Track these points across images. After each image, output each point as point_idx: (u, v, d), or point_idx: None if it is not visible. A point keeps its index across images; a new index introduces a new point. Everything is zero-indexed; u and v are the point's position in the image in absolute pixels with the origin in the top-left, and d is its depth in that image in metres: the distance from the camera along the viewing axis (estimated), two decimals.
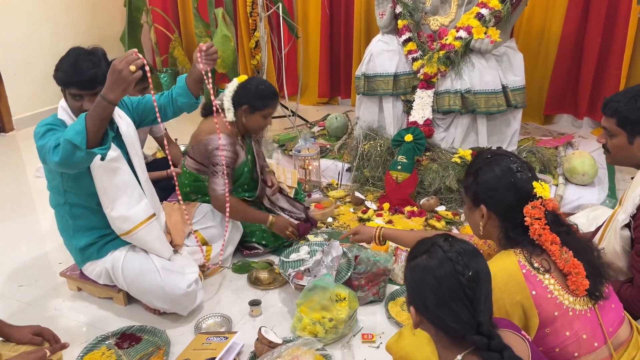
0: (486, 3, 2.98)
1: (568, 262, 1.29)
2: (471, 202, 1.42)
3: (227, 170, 2.22)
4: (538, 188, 1.33)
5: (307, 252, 2.31)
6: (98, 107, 1.60)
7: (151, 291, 1.98)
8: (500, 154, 1.40)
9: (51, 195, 2.00)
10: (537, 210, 1.31)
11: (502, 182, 1.34)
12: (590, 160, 2.87)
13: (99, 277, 2.07)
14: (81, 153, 1.59)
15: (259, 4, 3.49)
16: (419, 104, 3.10)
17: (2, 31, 4.15)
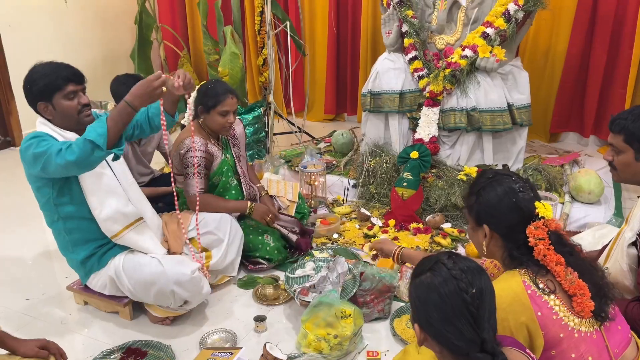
0: (491, 22, 3.01)
1: (573, 283, 1.29)
2: (474, 221, 1.43)
3: (203, 171, 2.35)
4: (540, 208, 1.34)
5: (313, 268, 2.32)
6: (123, 112, 1.71)
7: (156, 281, 1.96)
8: (502, 174, 1.42)
9: (44, 214, 2.05)
10: (540, 231, 1.31)
11: (504, 202, 1.34)
12: (596, 179, 2.86)
13: (104, 287, 2.09)
14: (100, 153, 1.69)
15: (267, 22, 3.54)
16: (425, 122, 3.12)
17: (14, 48, 4.23)
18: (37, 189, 1.97)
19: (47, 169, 1.78)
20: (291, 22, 3.77)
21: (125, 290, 2.04)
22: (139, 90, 1.72)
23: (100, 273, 2.06)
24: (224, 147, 2.54)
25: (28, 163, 1.84)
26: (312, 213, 3.00)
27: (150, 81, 1.72)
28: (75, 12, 4.48)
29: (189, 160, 2.32)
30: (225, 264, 2.30)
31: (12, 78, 4.25)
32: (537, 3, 2.96)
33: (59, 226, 2.01)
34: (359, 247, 2.69)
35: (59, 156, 1.72)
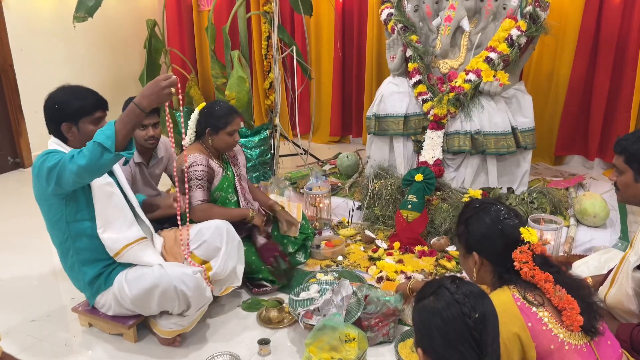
0: (495, 47, 3.06)
1: (562, 299, 1.33)
2: (464, 249, 1.49)
3: (205, 184, 2.41)
4: (525, 234, 1.39)
5: (317, 291, 2.32)
6: (131, 114, 1.73)
7: (159, 283, 1.96)
8: (488, 203, 1.49)
9: (53, 234, 2.07)
10: (525, 255, 1.37)
11: (491, 230, 1.41)
12: (601, 202, 2.86)
13: (109, 308, 2.10)
14: (109, 155, 1.71)
15: (274, 47, 3.60)
16: (429, 144, 3.14)
17: (25, 71, 4.31)
18: (49, 207, 1.99)
19: (62, 178, 1.80)
20: (297, 46, 3.83)
21: (128, 303, 2.03)
22: (147, 91, 1.74)
23: (106, 292, 2.07)
24: (225, 165, 2.60)
25: (42, 178, 1.86)
26: (317, 235, 3.01)
27: (159, 81, 1.74)
28: (86, 36, 4.58)
29: (192, 174, 2.39)
30: (226, 272, 2.22)
31: (23, 100, 4.33)
32: (540, 29, 3.01)
33: (68, 245, 2.03)
34: (363, 270, 2.69)
35: (71, 162, 1.75)
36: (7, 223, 3.41)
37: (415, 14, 3.40)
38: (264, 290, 2.46)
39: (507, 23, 3.06)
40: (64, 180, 1.80)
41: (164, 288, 1.96)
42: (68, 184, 1.82)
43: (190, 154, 2.43)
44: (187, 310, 2.06)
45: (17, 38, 4.22)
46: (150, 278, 1.98)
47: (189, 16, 5.39)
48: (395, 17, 3.36)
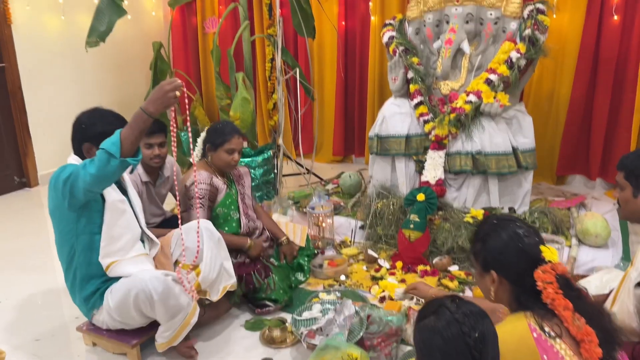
0: (495, 69, 3.11)
1: (581, 329, 1.27)
2: (481, 267, 1.43)
3: (206, 203, 2.45)
4: (546, 252, 1.34)
5: (320, 311, 2.33)
6: (138, 119, 1.78)
7: (130, 289, 1.96)
8: (506, 219, 1.44)
9: (61, 247, 2.09)
10: (548, 275, 1.31)
11: (510, 248, 1.36)
12: (602, 222, 2.88)
13: (103, 323, 2.12)
14: (115, 161, 1.75)
15: (278, 69, 3.67)
16: (431, 164, 3.18)
17: (33, 92, 4.39)
18: (60, 219, 2.03)
19: (74, 188, 1.85)
20: (301, 68, 3.90)
21: (114, 314, 2.05)
22: (152, 96, 1.79)
23: (101, 308, 2.09)
24: (229, 182, 2.65)
25: (59, 191, 1.91)
26: (320, 254, 3.02)
27: (163, 85, 1.78)
28: (93, 58, 4.66)
29: (193, 192, 2.43)
30: (215, 271, 2.19)
31: (30, 121, 4.39)
32: (539, 51, 3.06)
33: (73, 259, 2.06)
34: (366, 290, 2.70)
35: (83, 171, 1.81)
36: (12, 242, 3.44)
37: (416, 36, 3.47)
38: (266, 310, 2.47)
39: (506, 46, 3.12)
40: (77, 189, 1.85)
41: (135, 292, 1.95)
42: (80, 193, 1.86)
43: (190, 174, 2.47)
44: (169, 321, 2.02)
45: (26, 60, 4.30)
46: (125, 284, 1.99)
47: (194, 39, 5.49)
48: (397, 39, 3.43)
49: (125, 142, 1.76)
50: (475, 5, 3.21)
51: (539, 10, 3.08)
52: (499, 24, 3.20)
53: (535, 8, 3.10)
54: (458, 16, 3.22)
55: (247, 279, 2.44)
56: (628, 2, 3.66)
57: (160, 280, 1.95)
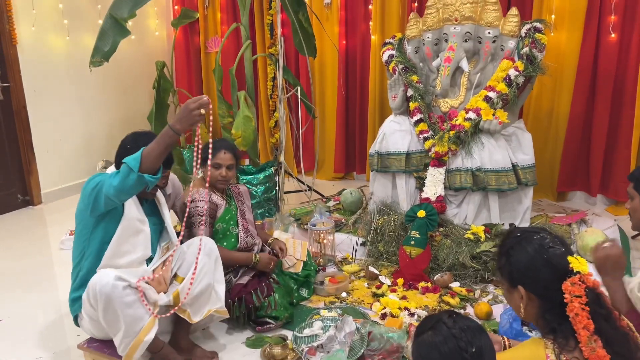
0: (493, 87, 3.15)
1: (594, 351, 1.21)
2: (508, 283, 1.36)
3: (207, 220, 2.46)
4: (574, 262, 1.27)
5: (321, 328, 2.33)
6: (165, 136, 1.84)
7: (88, 287, 1.94)
8: (530, 231, 1.37)
9: (75, 249, 2.11)
10: (577, 287, 1.24)
11: (536, 260, 1.29)
12: (603, 238, 2.88)
13: (88, 330, 2.13)
14: (134, 175, 1.82)
15: (279, 87, 3.71)
16: (431, 181, 3.20)
17: (38, 112, 4.44)
18: (81, 221, 2.07)
19: (99, 196, 1.92)
20: (302, 86, 3.95)
21: (84, 313, 2.07)
22: (179, 115, 1.86)
23: (82, 314, 2.09)
24: (228, 198, 2.68)
25: (85, 196, 1.98)
26: (321, 271, 3.03)
27: (188, 104, 1.84)
28: (97, 77, 4.72)
29: (193, 209, 2.46)
30: (202, 286, 2.12)
31: (35, 140, 4.44)
32: (537, 69, 3.10)
33: (80, 262, 2.09)
34: (367, 306, 2.70)
35: (108, 181, 1.88)
36: (15, 261, 3.45)
37: (415, 55, 3.52)
38: (267, 327, 2.46)
39: (505, 64, 3.16)
40: (99, 198, 1.92)
41: (87, 291, 1.95)
42: (101, 202, 1.92)
43: (193, 188, 2.49)
44: (116, 331, 1.93)
45: (31, 80, 4.36)
46: (89, 285, 1.96)
47: (197, 58, 5.57)
48: (397, 58, 3.48)
49: (146, 157, 1.82)
50: (474, 24, 3.26)
51: (536, 29, 3.13)
52: (497, 43, 3.25)
53: (532, 26, 3.15)
54: (457, 35, 3.27)
55: (246, 298, 2.43)
56: (625, 20, 3.72)
57: (106, 282, 1.87)
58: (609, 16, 3.74)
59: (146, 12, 5.38)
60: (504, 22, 3.22)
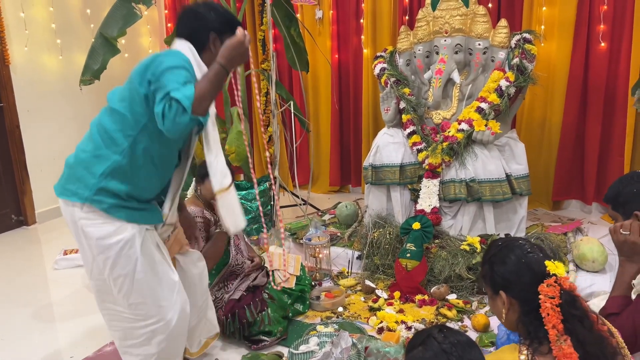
0: (485, 98, 3.16)
1: (562, 350, 1.24)
2: (491, 290, 1.42)
3: (204, 234, 2.47)
4: (551, 266, 1.32)
5: (317, 344, 2.31)
6: (220, 75, 1.64)
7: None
8: (511, 240, 1.44)
9: (115, 119, 1.78)
10: (552, 289, 1.29)
11: (516, 266, 1.35)
12: (598, 247, 2.87)
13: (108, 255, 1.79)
14: (187, 118, 1.57)
15: (272, 102, 3.72)
16: (426, 193, 3.19)
17: (31, 131, 4.44)
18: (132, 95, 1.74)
19: (160, 87, 1.62)
20: (295, 101, 3.96)
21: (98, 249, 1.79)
22: (233, 52, 1.66)
23: (96, 214, 1.76)
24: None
25: (144, 68, 1.70)
26: (317, 286, 3.01)
27: (242, 42, 1.67)
28: (90, 95, 4.71)
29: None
30: (194, 318, 2.11)
31: (28, 159, 4.43)
32: (527, 79, 3.11)
33: (121, 143, 1.76)
34: (364, 321, 2.67)
35: (184, 88, 1.58)
36: (10, 281, 3.42)
37: (407, 67, 3.53)
38: (262, 345, 2.44)
39: (496, 75, 3.18)
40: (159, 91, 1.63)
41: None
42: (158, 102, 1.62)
43: (188, 206, 2.48)
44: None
45: (24, 100, 4.37)
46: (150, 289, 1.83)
47: None
48: (388, 71, 3.49)
49: (201, 99, 1.58)
50: (464, 36, 3.28)
51: (525, 40, 3.15)
52: (488, 54, 3.27)
53: (522, 37, 3.17)
54: (447, 47, 3.29)
55: (240, 313, 2.41)
56: (615, 29, 3.75)
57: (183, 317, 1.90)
58: (598, 25, 3.77)
59: (139, 30, 5.41)
60: (493, 33, 3.24)
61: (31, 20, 4.37)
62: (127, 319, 1.86)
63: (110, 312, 1.89)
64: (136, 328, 1.86)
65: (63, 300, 3.08)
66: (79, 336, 2.66)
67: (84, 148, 1.82)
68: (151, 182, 1.84)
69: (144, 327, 1.85)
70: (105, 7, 4.81)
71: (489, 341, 2.37)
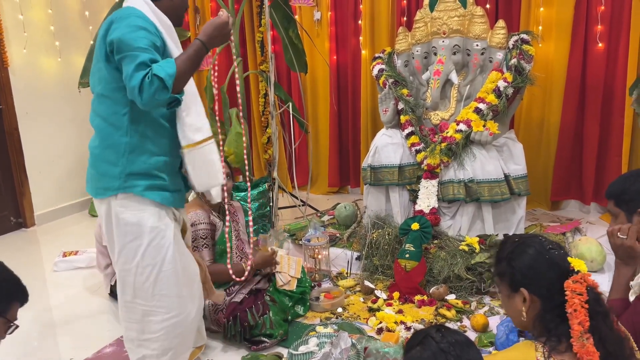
0: (483, 98, 3.17)
1: (584, 347, 1.23)
2: (509, 288, 1.37)
3: (209, 242, 2.45)
4: (574, 262, 1.31)
5: (316, 344, 2.31)
6: (200, 53, 1.68)
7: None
8: (527, 236, 1.41)
9: (102, 103, 1.83)
10: (579, 285, 1.27)
11: (539, 261, 1.32)
12: (597, 247, 2.88)
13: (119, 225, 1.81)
14: (166, 95, 1.61)
15: (271, 104, 3.73)
16: (424, 193, 3.20)
17: (30, 133, 4.44)
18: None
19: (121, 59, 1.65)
20: (293, 102, 3.96)
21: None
22: (215, 32, 1.71)
23: (131, 202, 1.77)
24: (223, 219, 2.65)
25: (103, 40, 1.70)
26: (317, 287, 3.01)
27: (225, 23, 1.71)
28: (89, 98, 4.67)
29: (196, 233, 2.44)
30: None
31: (27, 162, 4.43)
32: (525, 80, 3.12)
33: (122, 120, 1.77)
34: (363, 321, 2.68)
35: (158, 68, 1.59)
36: None
37: (405, 68, 3.54)
38: (262, 346, 2.44)
39: (493, 75, 3.19)
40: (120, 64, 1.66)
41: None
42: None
43: (192, 211, 2.47)
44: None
45: (23, 102, 4.37)
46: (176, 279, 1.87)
47: None
48: (386, 72, 3.50)
49: (181, 76, 1.62)
50: (462, 37, 3.29)
51: (523, 40, 3.16)
52: (486, 55, 3.28)
53: (519, 38, 3.18)
54: (445, 48, 3.30)
55: (241, 316, 2.41)
56: (612, 29, 3.76)
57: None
58: (595, 26, 3.78)
59: None
60: (491, 34, 3.25)
61: (30, 22, 4.37)
62: (146, 312, 1.86)
63: (129, 305, 1.89)
64: (155, 322, 1.86)
65: (62, 303, 3.07)
66: (78, 338, 2.66)
67: (94, 144, 1.84)
68: (170, 143, 1.84)
69: (164, 321, 1.86)
70: (103, 9, 4.85)
71: (488, 341, 2.38)
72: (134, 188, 1.76)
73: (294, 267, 2.84)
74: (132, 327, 1.91)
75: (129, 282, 1.83)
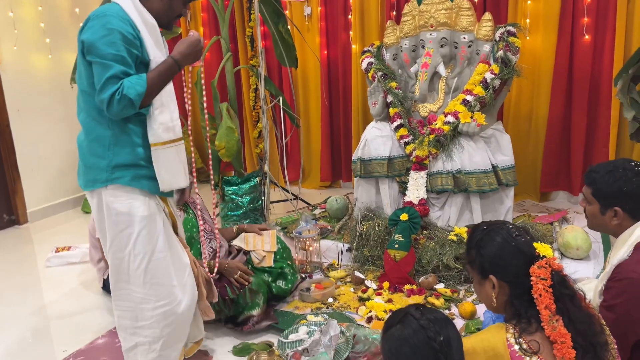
0: (471, 90, 3.20)
1: (555, 330, 1.27)
2: (479, 275, 1.42)
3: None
4: (540, 248, 1.35)
5: (306, 332, 2.34)
6: (171, 71, 1.77)
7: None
8: (495, 224, 1.44)
9: (83, 99, 1.84)
10: (543, 270, 1.31)
11: (506, 249, 1.36)
12: (582, 235, 2.93)
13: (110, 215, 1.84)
14: (133, 110, 1.70)
15: (261, 98, 3.75)
16: (413, 185, 3.24)
17: (22, 130, 4.44)
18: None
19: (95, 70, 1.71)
20: (284, 97, 3.99)
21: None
22: (187, 50, 1.78)
23: (122, 192, 1.82)
24: (185, 207, 2.68)
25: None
26: (308, 278, 3.05)
27: (197, 42, 1.80)
28: None
29: None
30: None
31: (19, 159, 4.43)
32: (512, 72, 3.16)
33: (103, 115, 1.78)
34: (353, 311, 2.71)
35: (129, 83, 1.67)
36: (2, 279, 3.43)
37: (394, 62, 3.58)
38: (251, 323, 2.47)
39: (481, 67, 3.23)
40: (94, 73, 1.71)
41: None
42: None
43: None
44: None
45: (14, 99, 4.37)
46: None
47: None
48: (375, 65, 3.53)
49: (150, 92, 1.71)
50: (449, 30, 3.33)
51: (509, 33, 3.20)
52: (473, 47, 3.32)
53: (506, 30, 3.22)
54: (433, 41, 3.33)
55: (221, 292, 2.43)
56: (598, 21, 3.80)
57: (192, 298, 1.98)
58: (582, 18, 3.82)
59: None
60: (478, 27, 3.29)
61: (20, 19, 4.37)
62: (139, 299, 1.90)
63: (123, 292, 1.92)
64: (147, 309, 1.90)
65: (55, 298, 3.10)
66: (71, 332, 2.69)
67: (81, 138, 1.88)
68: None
69: (155, 309, 1.90)
70: (93, 5, 4.84)
71: (475, 328, 2.42)
72: (120, 179, 1.80)
73: (268, 242, 2.81)
74: (126, 316, 1.94)
75: (124, 269, 1.87)
